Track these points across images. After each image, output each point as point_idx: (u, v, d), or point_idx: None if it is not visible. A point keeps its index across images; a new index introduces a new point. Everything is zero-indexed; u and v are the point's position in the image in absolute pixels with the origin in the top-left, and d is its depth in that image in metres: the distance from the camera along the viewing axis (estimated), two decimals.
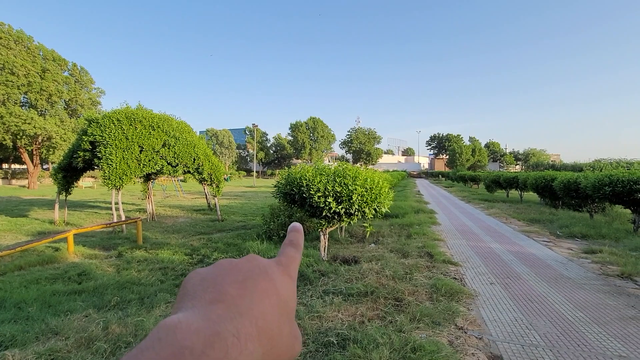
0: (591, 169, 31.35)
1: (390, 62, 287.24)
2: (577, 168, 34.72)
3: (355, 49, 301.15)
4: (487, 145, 79.46)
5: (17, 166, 37.64)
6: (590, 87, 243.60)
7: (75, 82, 28.75)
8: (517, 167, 76.76)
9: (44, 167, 35.26)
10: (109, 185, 8.95)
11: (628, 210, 8.75)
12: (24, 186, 29.23)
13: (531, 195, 17.63)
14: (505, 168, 73.92)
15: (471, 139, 77.72)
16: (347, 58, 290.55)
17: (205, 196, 14.89)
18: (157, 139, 9.66)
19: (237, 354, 0.23)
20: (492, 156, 78.34)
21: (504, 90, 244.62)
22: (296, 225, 0.40)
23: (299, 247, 0.37)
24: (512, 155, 78.61)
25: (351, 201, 4.84)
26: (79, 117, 27.60)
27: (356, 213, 5.00)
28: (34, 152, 26.71)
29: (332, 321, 3.28)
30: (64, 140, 25.73)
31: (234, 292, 0.27)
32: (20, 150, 25.77)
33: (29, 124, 23.32)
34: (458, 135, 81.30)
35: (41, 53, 26.31)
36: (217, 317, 0.25)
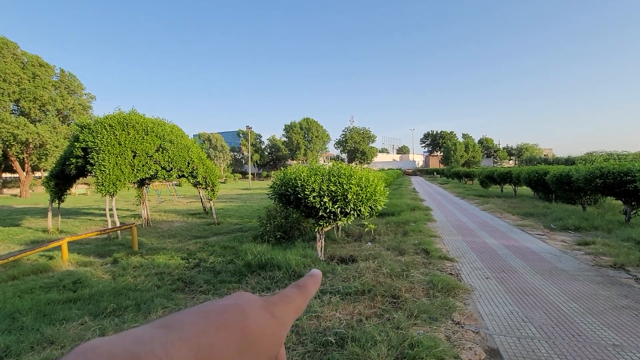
0: (583, 162, 31.77)
1: (380, 60, 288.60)
2: (569, 161, 35.17)
3: (344, 46, 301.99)
4: (480, 141, 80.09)
5: (8, 175, 37.11)
6: (582, 81, 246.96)
7: (65, 88, 28.44)
8: (511, 162, 77.46)
9: (36, 175, 34.81)
10: (103, 192, 8.88)
11: (620, 202, 8.88)
12: (15, 195, 28.83)
13: (525, 190, 17.84)
14: (499, 163, 74.60)
15: (464, 136, 78.32)
16: (338, 55, 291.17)
17: (200, 200, 14.82)
18: (150, 143, 9.60)
19: None
20: (485, 152, 79.00)
21: (496, 86, 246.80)
22: (315, 271, 0.35)
23: (303, 289, 0.32)
24: (506, 150, 79.30)
25: (347, 200, 4.86)
26: (70, 124, 27.33)
27: (352, 212, 5.02)
28: (26, 160, 26.35)
29: (330, 320, 3.29)
30: (57, 147, 25.44)
31: (187, 320, 0.24)
32: (11, 158, 25.42)
33: (22, 129, 23.05)
34: (451, 132, 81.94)
35: (26, 59, 25.96)
36: (149, 338, 0.22)
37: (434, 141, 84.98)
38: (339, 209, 4.91)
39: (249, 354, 0.25)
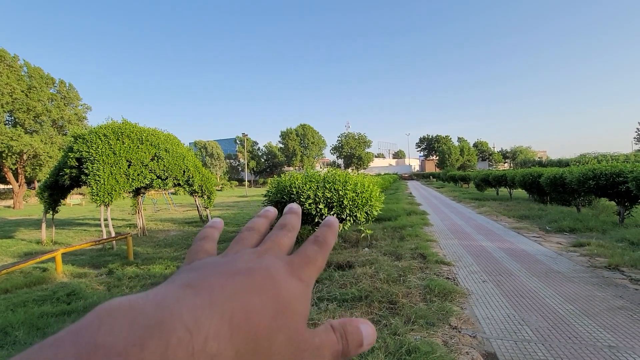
0: (577, 163, 32.14)
1: (376, 63, 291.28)
2: (563, 163, 35.55)
3: (340, 48, 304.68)
4: (475, 145, 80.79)
5: (1, 186, 36.72)
6: (574, 82, 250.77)
7: (61, 99, 28.39)
8: (506, 164, 78.15)
9: (30, 186, 34.49)
10: (98, 202, 8.81)
11: (613, 202, 8.98)
12: (9, 206, 28.48)
13: (520, 192, 17.95)
14: (494, 166, 75.18)
15: (459, 139, 79.00)
16: (333, 58, 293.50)
17: (196, 208, 14.74)
18: (145, 152, 9.58)
19: (185, 355, 0.17)
20: (480, 155, 79.66)
21: (490, 89, 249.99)
22: (330, 220, 0.32)
23: (324, 246, 0.29)
24: (500, 153, 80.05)
25: (342, 206, 4.87)
26: (65, 134, 27.25)
27: (348, 218, 5.03)
28: (19, 171, 26.14)
29: None
30: (51, 157, 25.29)
31: (214, 281, 0.22)
32: (5, 169, 25.21)
33: (16, 140, 22.93)
34: (447, 136, 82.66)
35: (26, 70, 25.95)
36: (175, 301, 0.19)
37: (430, 145, 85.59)
38: (334, 215, 4.92)
39: (284, 318, 0.22)
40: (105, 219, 9.11)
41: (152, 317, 0.18)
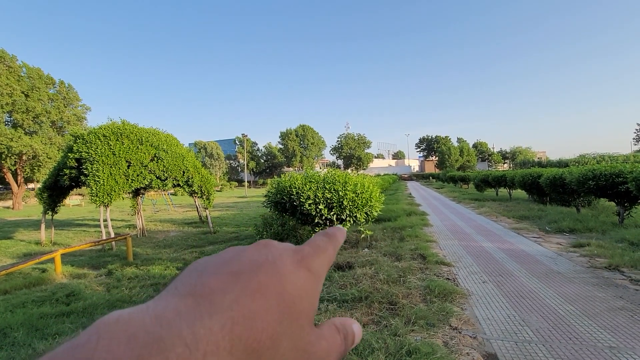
0: (576, 164, 32.15)
1: (375, 64, 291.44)
2: (562, 164, 35.58)
3: (339, 49, 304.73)
4: (475, 146, 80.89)
5: (0, 187, 36.65)
6: (573, 83, 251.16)
7: (61, 99, 28.40)
8: (505, 165, 78.20)
9: (29, 186, 34.43)
10: (97, 202, 8.81)
11: (612, 203, 8.98)
12: (8, 207, 28.45)
13: (520, 193, 17.96)
14: (494, 167, 75.22)
15: (459, 140, 79.05)
16: (333, 59, 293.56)
17: (196, 209, 14.73)
18: (144, 153, 9.58)
19: None
20: (480, 156, 79.74)
21: (489, 90, 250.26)
22: (338, 226, 0.32)
23: (333, 238, 0.28)
24: (500, 154, 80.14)
25: (342, 207, 4.87)
26: (64, 134, 27.25)
27: (348, 218, 5.03)
28: (18, 172, 26.12)
29: None
30: (50, 158, 25.30)
31: (216, 285, 0.21)
32: (4, 170, 25.19)
33: (15, 141, 22.94)
34: (446, 136, 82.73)
35: (25, 71, 25.93)
36: (174, 315, 0.18)
37: (429, 146, 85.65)
38: (334, 216, 4.91)
39: (289, 320, 0.21)
40: (105, 220, 9.10)
41: (151, 333, 0.17)
